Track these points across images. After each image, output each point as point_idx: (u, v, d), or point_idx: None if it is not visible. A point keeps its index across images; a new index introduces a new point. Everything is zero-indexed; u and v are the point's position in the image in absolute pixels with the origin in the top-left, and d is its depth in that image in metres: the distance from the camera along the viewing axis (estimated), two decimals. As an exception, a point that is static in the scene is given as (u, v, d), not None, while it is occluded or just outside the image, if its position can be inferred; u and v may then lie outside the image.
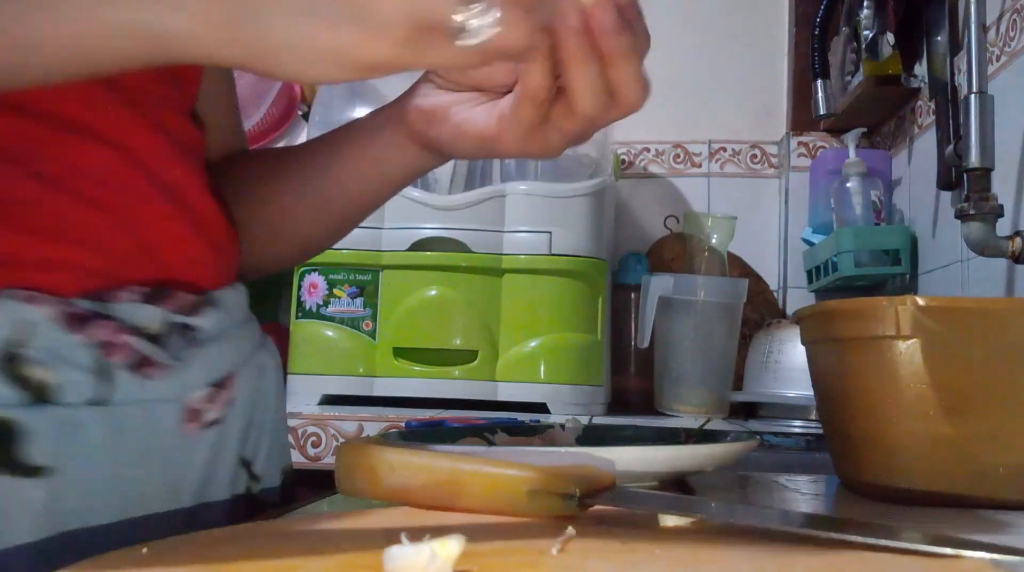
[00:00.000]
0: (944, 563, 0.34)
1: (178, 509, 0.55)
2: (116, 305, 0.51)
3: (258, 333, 0.64)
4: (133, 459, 0.51)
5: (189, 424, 0.55)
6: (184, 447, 0.55)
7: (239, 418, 0.59)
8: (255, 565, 0.33)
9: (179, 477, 0.55)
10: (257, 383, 0.62)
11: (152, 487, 0.53)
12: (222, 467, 0.58)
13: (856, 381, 0.58)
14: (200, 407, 0.55)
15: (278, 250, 0.69)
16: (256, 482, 0.62)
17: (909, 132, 1.56)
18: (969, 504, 0.54)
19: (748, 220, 1.74)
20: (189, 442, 0.55)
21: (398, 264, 1.40)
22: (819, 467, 0.74)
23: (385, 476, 0.44)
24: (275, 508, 0.61)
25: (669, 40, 1.87)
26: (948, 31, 1.30)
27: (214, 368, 0.57)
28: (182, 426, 0.54)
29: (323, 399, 1.40)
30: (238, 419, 0.59)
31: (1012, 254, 1.08)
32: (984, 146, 1.07)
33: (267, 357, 0.64)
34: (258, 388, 0.62)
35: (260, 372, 0.62)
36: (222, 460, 0.58)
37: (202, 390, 0.55)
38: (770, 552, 0.36)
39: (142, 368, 0.51)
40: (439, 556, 0.30)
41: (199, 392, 0.55)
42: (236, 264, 0.64)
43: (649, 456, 0.52)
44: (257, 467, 0.62)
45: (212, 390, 0.56)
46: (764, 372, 1.49)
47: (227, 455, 0.58)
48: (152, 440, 0.53)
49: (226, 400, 0.57)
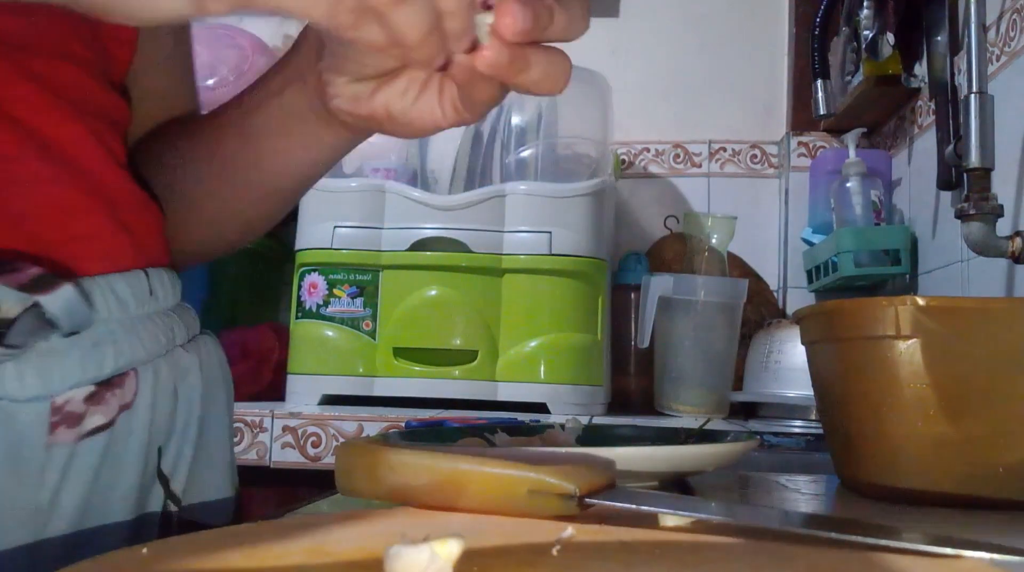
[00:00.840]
0: (944, 563, 0.34)
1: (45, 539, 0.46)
2: None
3: (184, 328, 0.56)
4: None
5: (63, 429, 0.46)
6: (53, 459, 0.46)
7: (140, 426, 0.51)
8: (255, 565, 0.33)
9: (44, 497, 0.46)
10: (174, 385, 0.54)
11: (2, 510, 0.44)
12: (119, 485, 0.50)
13: (856, 381, 0.58)
14: (78, 409, 0.47)
15: (209, 232, 0.62)
16: (176, 503, 0.54)
17: (909, 132, 1.56)
18: (969, 504, 0.54)
19: (748, 220, 1.74)
20: (61, 452, 0.46)
21: (398, 264, 1.40)
22: (819, 467, 0.74)
23: (385, 476, 0.44)
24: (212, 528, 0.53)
25: (669, 40, 1.87)
26: (948, 31, 1.30)
27: (97, 362, 0.48)
28: (49, 432, 0.46)
29: (323, 399, 1.40)
30: (139, 427, 0.51)
31: (1012, 254, 1.08)
32: (984, 146, 1.07)
33: (189, 356, 0.56)
34: (176, 391, 0.54)
35: (179, 373, 0.54)
36: (118, 477, 0.50)
37: (79, 389, 0.47)
38: (770, 552, 0.36)
39: None
40: (439, 556, 0.30)
41: (75, 391, 0.47)
42: (158, 244, 0.56)
43: (649, 456, 0.52)
44: (177, 484, 0.54)
45: (96, 389, 0.48)
46: (764, 372, 1.49)
47: (124, 470, 0.50)
48: (1, 448, 0.44)
49: (119, 403, 0.49)
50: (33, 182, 0.47)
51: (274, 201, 0.62)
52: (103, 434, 0.48)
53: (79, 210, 0.49)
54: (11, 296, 0.44)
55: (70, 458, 0.47)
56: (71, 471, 0.47)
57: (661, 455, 0.52)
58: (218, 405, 0.58)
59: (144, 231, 0.54)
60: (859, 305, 0.58)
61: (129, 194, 0.52)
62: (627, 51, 1.87)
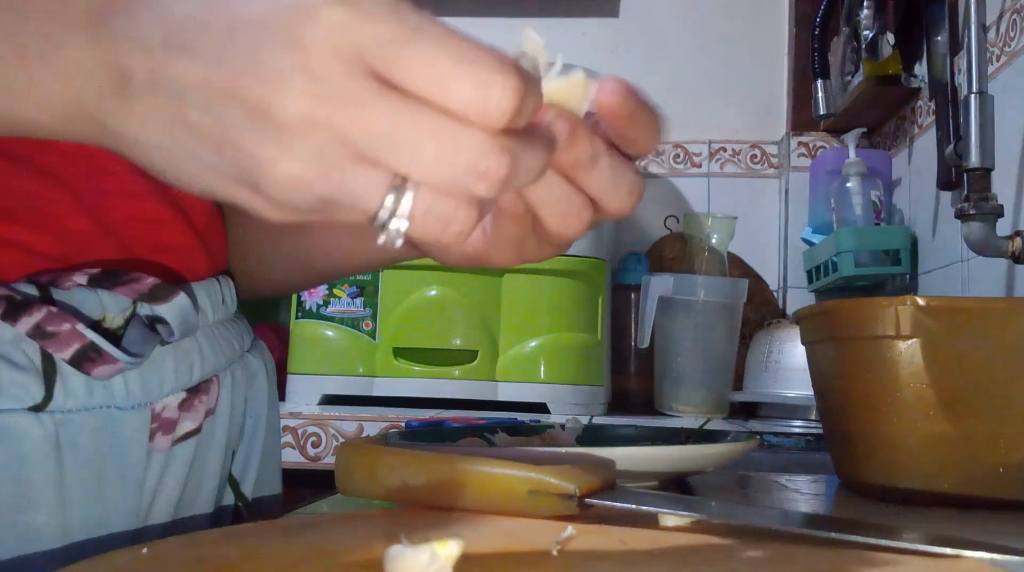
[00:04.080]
0: (944, 563, 0.34)
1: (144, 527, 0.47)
2: (64, 290, 0.44)
3: (247, 334, 0.58)
4: (84, 477, 0.44)
5: (160, 436, 0.47)
6: (152, 464, 0.47)
7: (221, 430, 0.52)
8: (255, 565, 0.33)
9: (145, 500, 0.47)
10: (245, 391, 0.55)
11: (108, 513, 0.45)
12: (203, 488, 0.51)
13: (856, 381, 0.58)
14: (173, 416, 0.48)
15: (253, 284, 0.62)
16: (244, 503, 0.55)
17: (909, 132, 1.56)
18: (969, 504, 0.54)
19: (748, 220, 1.74)
20: (159, 458, 0.48)
21: (398, 264, 1.40)
22: (819, 467, 0.74)
23: (385, 476, 0.44)
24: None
25: (669, 40, 1.87)
26: (948, 31, 1.30)
27: (188, 370, 0.49)
28: (149, 438, 0.47)
29: (323, 399, 1.40)
30: (220, 431, 0.52)
31: (1012, 254, 1.08)
32: (984, 146, 1.07)
33: (256, 361, 0.57)
34: (246, 396, 0.55)
35: (249, 378, 0.56)
36: (203, 480, 0.51)
37: (174, 396, 0.48)
38: (770, 552, 0.36)
39: (86, 363, 0.43)
40: (439, 556, 0.30)
41: (170, 398, 0.48)
42: (224, 253, 0.56)
43: (649, 456, 0.52)
44: (246, 487, 0.55)
45: (187, 396, 0.49)
46: (764, 372, 1.49)
47: (208, 474, 0.51)
48: (108, 454, 0.45)
49: (205, 408, 0.50)
50: (128, 195, 0.48)
51: (314, 279, 0.63)
52: (192, 439, 0.49)
53: (165, 222, 0.50)
54: (116, 305, 0.45)
55: (166, 463, 0.48)
56: (167, 475, 0.48)
57: (661, 455, 0.52)
58: (274, 407, 0.60)
59: (214, 239, 0.55)
60: (859, 305, 0.58)
61: (199, 202, 0.53)
62: (627, 51, 1.87)
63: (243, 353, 0.56)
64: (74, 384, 0.43)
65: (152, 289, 0.46)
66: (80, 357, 0.43)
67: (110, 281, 0.45)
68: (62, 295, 0.43)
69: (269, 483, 0.59)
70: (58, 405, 0.43)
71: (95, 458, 0.44)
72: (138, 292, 0.46)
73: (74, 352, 0.43)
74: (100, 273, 0.45)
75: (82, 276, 0.44)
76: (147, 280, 0.46)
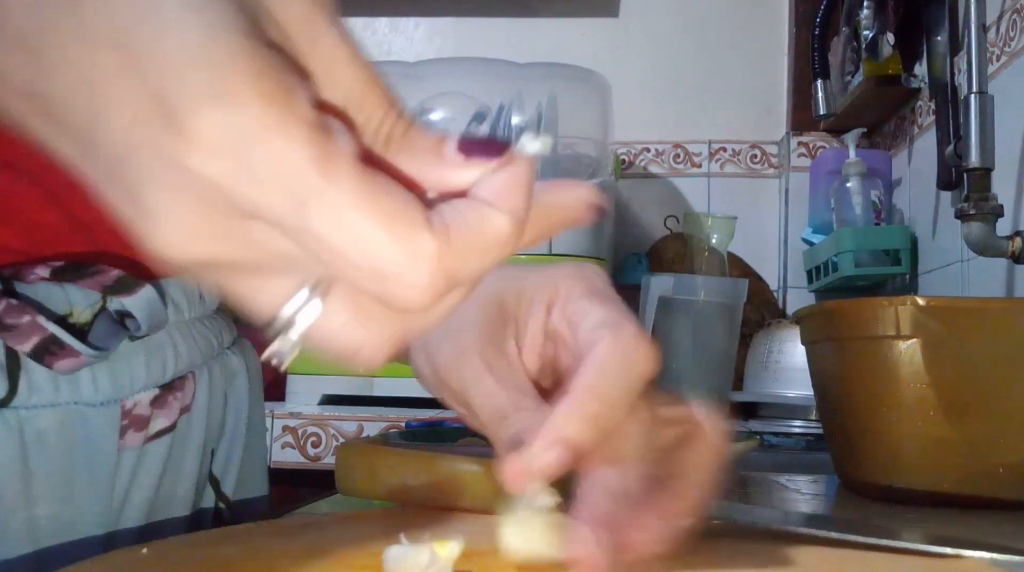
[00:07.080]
0: (944, 563, 0.34)
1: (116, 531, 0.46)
2: (27, 284, 0.42)
3: (228, 331, 0.57)
4: (51, 475, 0.42)
5: (131, 433, 0.46)
6: (123, 462, 0.46)
7: (198, 428, 0.51)
8: (255, 565, 0.33)
9: (117, 499, 0.46)
10: (224, 388, 0.54)
11: (78, 512, 0.44)
12: (179, 487, 0.50)
13: (856, 381, 0.58)
14: (144, 413, 0.47)
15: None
16: (225, 502, 0.54)
17: (909, 132, 1.56)
18: (969, 504, 0.54)
19: (748, 220, 1.74)
20: (130, 455, 0.46)
21: (398, 264, 1.39)
22: (819, 467, 0.74)
23: (385, 476, 0.44)
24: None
25: (669, 40, 1.87)
26: (948, 31, 1.30)
27: (161, 365, 0.48)
28: (120, 435, 0.46)
29: (323, 399, 1.39)
30: (197, 429, 0.51)
31: (1012, 254, 1.08)
32: (984, 146, 1.07)
33: (237, 359, 0.56)
34: (225, 394, 0.54)
35: (228, 376, 0.55)
36: (179, 479, 0.50)
37: (146, 392, 0.47)
38: (770, 552, 0.36)
39: (47, 357, 0.42)
40: (439, 556, 0.30)
41: (142, 394, 0.47)
42: None
43: (649, 456, 0.51)
44: (227, 487, 0.54)
45: (160, 393, 0.48)
46: (764, 372, 1.48)
47: (185, 473, 0.50)
48: (76, 452, 0.44)
49: (180, 405, 0.49)
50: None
51: None
52: (166, 437, 0.48)
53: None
54: (84, 300, 0.43)
55: (138, 461, 0.47)
56: (139, 473, 0.47)
57: (661, 455, 0.52)
58: (258, 406, 0.59)
59: None
60: (859, 305, 0.58)
61: None
62: (627, 51, 1.87)
63: (222, 350, 0.55)
64: (39, 379, 0.42)
65: (117, 281, 0.45)
66: (41, 350, 0.42)
67: (74, 274, 0.44)
68: (25, 289, 0.42)
69: (254, 484, 0.58)
70: (22, 401, 0.42)
71: (62, 455, 0.43)
72: (103, 284, 0.44)
73: (34, 345, 0.41)
74: (64, 266, 0.44)
75: (45, 269, 0.43)
76: (112, 272, 0.45)
